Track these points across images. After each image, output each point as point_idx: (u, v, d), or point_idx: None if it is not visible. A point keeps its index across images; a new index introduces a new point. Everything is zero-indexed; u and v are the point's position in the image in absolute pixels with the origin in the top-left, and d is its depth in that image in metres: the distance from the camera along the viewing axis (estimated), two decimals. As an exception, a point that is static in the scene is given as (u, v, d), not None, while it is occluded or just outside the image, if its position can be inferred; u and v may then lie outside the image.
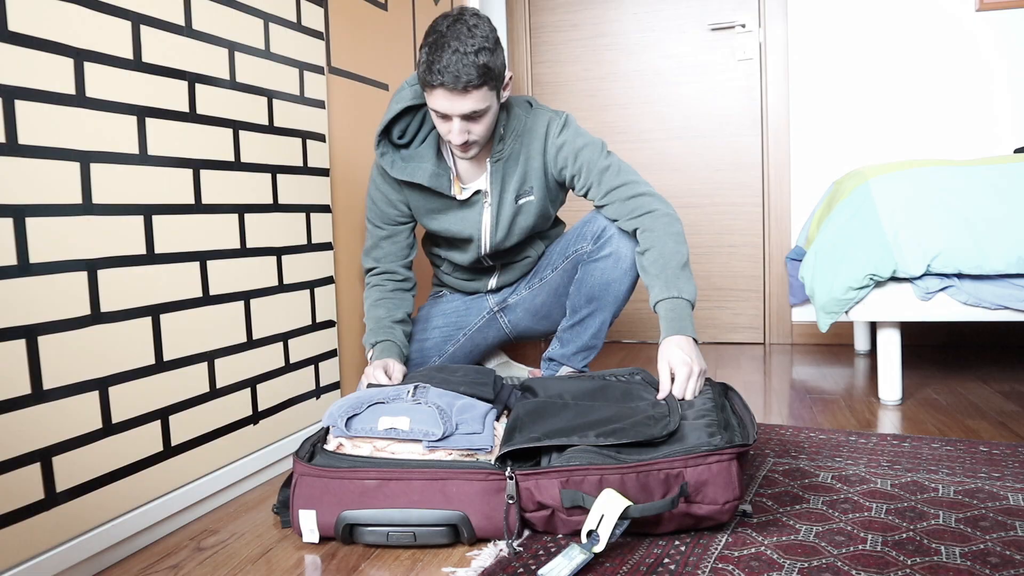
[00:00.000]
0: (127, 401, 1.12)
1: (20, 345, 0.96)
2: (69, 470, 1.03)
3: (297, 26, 1.55)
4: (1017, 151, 2.24)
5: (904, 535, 1.07)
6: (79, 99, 1.04)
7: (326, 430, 1.23)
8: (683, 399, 1.29)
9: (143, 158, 1.16)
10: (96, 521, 1.07)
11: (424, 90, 1.46)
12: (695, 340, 1.38)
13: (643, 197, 1.56)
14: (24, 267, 0.96)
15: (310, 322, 1.58)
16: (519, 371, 1.98)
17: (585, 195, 1.63)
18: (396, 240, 1.70)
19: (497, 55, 1.44)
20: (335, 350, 1.68)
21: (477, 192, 1.63)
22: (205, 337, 1.28)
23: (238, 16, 1.37)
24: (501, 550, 1.08)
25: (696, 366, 1.32)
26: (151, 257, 1.17)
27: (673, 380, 1.31)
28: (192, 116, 1.26)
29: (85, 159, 1.05)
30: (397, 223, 1.69)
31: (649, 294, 1.48)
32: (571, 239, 1.72)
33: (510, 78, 1.52)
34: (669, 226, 1.52)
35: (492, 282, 1.81)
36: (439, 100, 1.43)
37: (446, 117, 1.46)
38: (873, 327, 2.63)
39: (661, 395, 1.30)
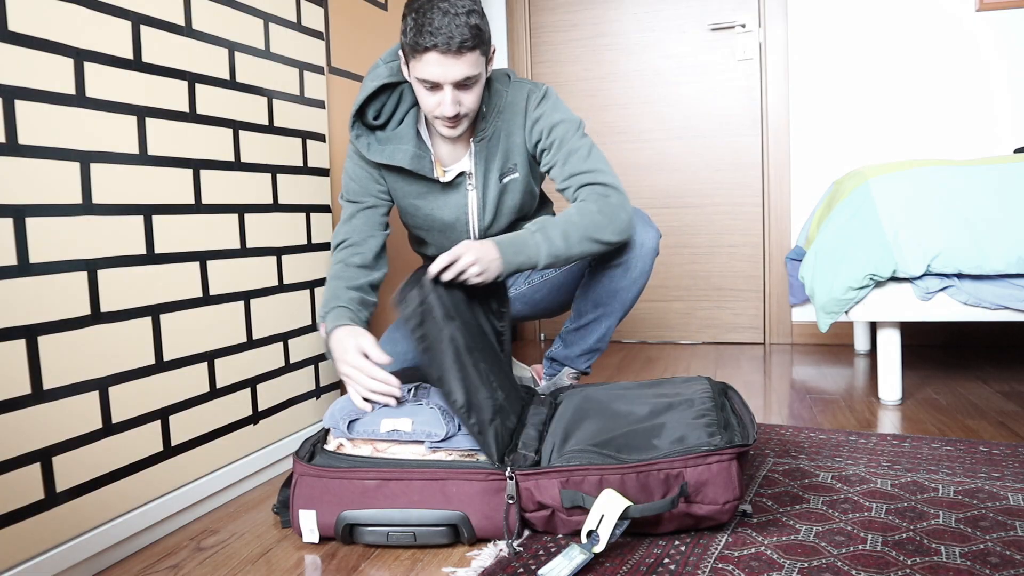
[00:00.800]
0: (127, 401, 1.12)
1: (20, 345, 0.96)
2: (69, 470, 1.03)
3: (297, 26, 1.55)
4: (1017, 151, 2.24)
5: (904, 535, 1.07)
6: (79, 99, 1.04)
7: (326, 430, 1.23)
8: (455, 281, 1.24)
9: (143, 158, 1.16)
10: (96, 521, 1.07)
11: (411, 59, 1.37)
12: (502, 263, 1.32)
13: (604, 187, 1.48)
14: (24, 267, 0.97)
15: (310, 322, 1.58)
16: (521, 370, 1.98)
17: (548, 172, 1.57)
18: (375, 212, 1.57)
19: (485, 22, 1.37)
20: (335, 350, 1.68)
21: (461, 174, 1.57)
22: (205, 337, 1.28)
23: (238, 16, 1.37)
24: (501, 550, 1.08)
25: (478, 267, 1.27)
26: (151, 257, 1.17)
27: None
28: (192, 116, 1.26)
29: (85, 159, 1.05)
30: (379, 197, 1.57)
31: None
32: None
33: (494, 52, 1.45)
34: (605, 208, 1.46)
35: None
36: (430, 67, 1.34)
37: (436, 87, 1.37)
38: (873, 327, 2.63)
39: (432, 269, 1.24)
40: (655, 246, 1.61)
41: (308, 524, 1.12)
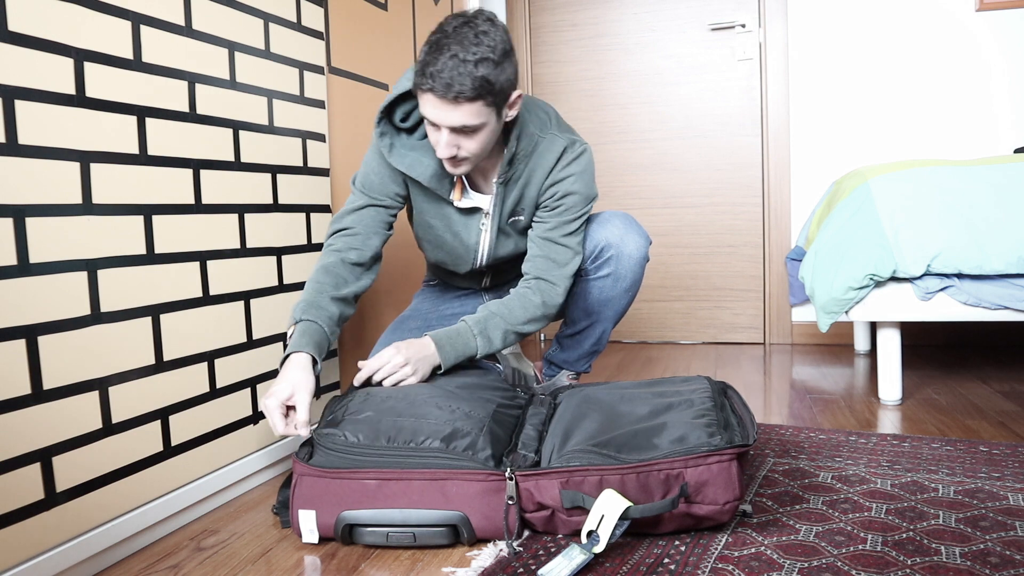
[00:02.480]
0: (127, 401, 1.12)
1: (20, 345, 0.96)
2: (69, 470, 1.03)
3: (297, 26, 1.55)
4: (1017, 151, 2.24)
5: (904, 535, 1.08)
6: (79, 99, 1.04)
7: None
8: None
9: (143, 158, 1.16)
10: (96, 521, 1.07)
11: (416, 92, 1.33)
12: (437, 367, 1.39)
13: (551, 285, 1.51)
14: (24, 267, 0.96)
15: (310, 322, 1.58)
16: (528, 367, 1.98)
17: (532, 223, 1.54)
18: (386, 211, 1.51)
19: (503, 69, 1.28)
20: (335, 350, 1.68)
21: (477, 208, 1.54)
22: (205, 337, 1.28)
23: (238, 16, 1.37)
24: (501, 550, 1.08)
25: (410, 367, 1.35)
26: (151, 257, 1.17)
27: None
28: (192, 116, 1.26)
29: (85, 159, 1.05)
30: (395, 199, 1.52)
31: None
32: None
33: (518, 96, 1.37)
34: (548, 301, 1.51)
35: (486, 281, 1.79)
36: (427, 107, 1.30)
37: (436, 126, 1.33)
38: (873, 327, 2.63)
39: (360, 376, 1.36)
40: (644, 254, 1.59)
41: (308, 524, 1.12)
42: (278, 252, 1.48)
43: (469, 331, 1.40)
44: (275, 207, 1.47)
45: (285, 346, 1.47)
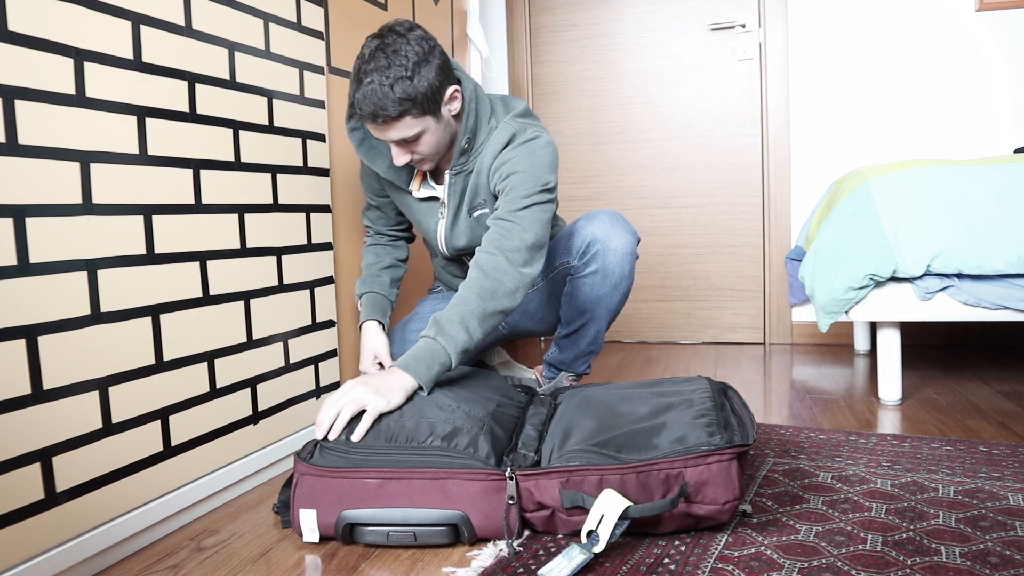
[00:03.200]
0: (127, 401, 1.12)
1: (20, 345, 0.96)
2: (69, 470, 1.03)
3: (297, 26, 1.55)
4: (1017, 151, 2.24)
5: (904, 535, 1.08)
6: (79, 99, 1.04)
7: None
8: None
9: (143, 158, 1.16)
10: (96, 521, 1.07)
11: None
12: (420, 387, 1.25)
13: (489, 252, 1.38)
14: (24, 267, 0.97)
15: (310, 322, 1.58)
16: (521, 372, 1.98)
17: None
18: (385, 210, 1.73)
19: (421, 77, 1.33)
20: (335, 350, 1.68)
21: (435, 197, 1.59)
22: (205, 337, 1.28)
23: (238, 16, 1.37)
24: (501, 550, 1.08)
25: (359, 390, 1.19)
26: (151, 257, 1.17)
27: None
28: (192, 116, 1.26)
29: (85, 159, 1.05)
30: (381, 196, 1.71)
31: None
32: (557, 249, 1.66)
33: (455, 91, 1.41)
34: (479, 275, 1.36)
35: None
36: (369, 128, 1.42)
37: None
38: (873, 327, 2.63)
39: (321, 430, 1.19)
40: (630, 250, 1.59)
41: (308, 524, 1.12)
42: (278, 252, 1.48)
43: (427, 339, 1.30)
44: (275, 207, 1.47)
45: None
